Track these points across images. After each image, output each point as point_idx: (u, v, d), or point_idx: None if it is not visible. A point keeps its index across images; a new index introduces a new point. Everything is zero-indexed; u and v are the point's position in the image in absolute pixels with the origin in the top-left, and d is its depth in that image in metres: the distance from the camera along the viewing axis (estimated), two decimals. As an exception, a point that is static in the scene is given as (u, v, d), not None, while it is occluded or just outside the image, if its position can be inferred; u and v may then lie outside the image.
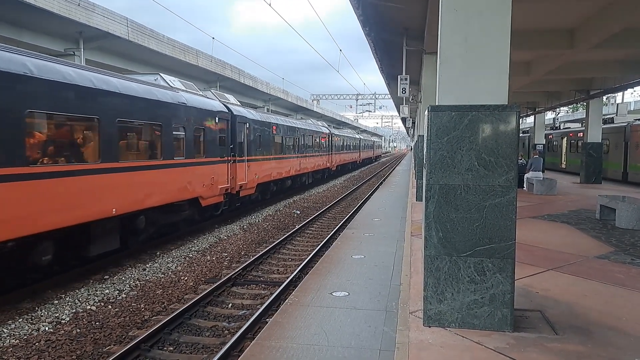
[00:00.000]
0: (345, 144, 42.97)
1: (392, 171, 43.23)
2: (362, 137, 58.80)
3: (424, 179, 4.99)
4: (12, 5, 17.17)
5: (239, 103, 19.13)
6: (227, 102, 17.31)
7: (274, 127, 21.50)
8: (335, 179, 37.09)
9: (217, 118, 14.88)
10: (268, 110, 45.04)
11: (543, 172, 18.75)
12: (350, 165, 48.17)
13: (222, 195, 15.20)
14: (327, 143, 34.52)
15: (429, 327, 4.88)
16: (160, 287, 9.17)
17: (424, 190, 4.95)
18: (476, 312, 4.79)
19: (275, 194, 22.88)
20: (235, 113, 16.68)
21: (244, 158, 17.17)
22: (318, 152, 31.49)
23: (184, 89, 13.81)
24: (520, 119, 42.48)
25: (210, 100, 15.29)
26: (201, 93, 15.50)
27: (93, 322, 7.39)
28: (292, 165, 24.47)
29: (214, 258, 11.31)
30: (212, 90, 17.69)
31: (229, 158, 15.79)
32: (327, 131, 34.98)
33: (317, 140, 31.38)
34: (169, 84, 13.06)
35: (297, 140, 25.90)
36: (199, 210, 14.20)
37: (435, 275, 4.87)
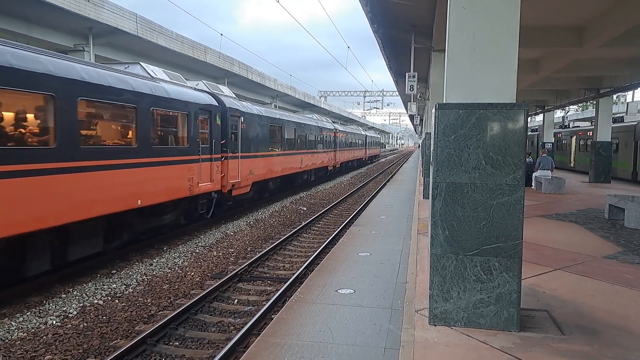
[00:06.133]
0: (288, 135, 22.40)
1: (399, 169, 43.12)
2: (339, 128, 36.57)
3: (431, 177, 4.97)
4: (23, 1, 17.27)
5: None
6: None
7: None
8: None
9: None
10: (275, 106, 45.01)
11: (552, 170, 18.63)
12: (312, 174, 28.53)
13: None
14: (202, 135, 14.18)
15: (435, 325, 4.87)
16: (166, 282, 9.21)
17: (430, 188, 4.94)
18: (482, 312, 4.78)
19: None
20: None
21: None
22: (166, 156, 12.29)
23: None
24: (529, 117, 42.29)
25: None
26: None
27: (100, 317, 7.43)
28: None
29: (220, 254, 11.34)
30: None
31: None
32: (211, 102, 14.36)
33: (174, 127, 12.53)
34: None
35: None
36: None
37: (442, 274, 4.86)
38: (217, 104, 14.57)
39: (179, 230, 13.22)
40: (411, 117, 57.33)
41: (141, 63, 12.34)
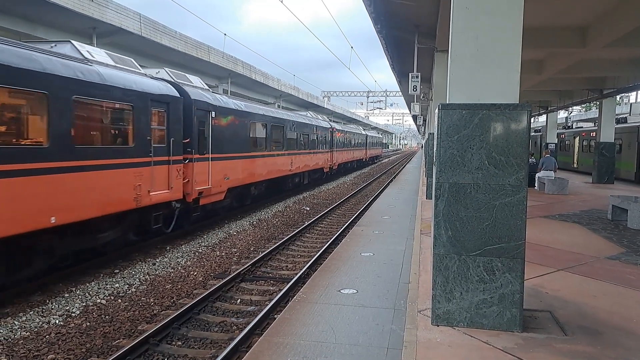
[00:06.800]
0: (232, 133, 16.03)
1: (402, 169, 43.08)
2: (336, 127, 33.66)
3: (434, 177, 4.97)
4: (27, 1, 17.32)
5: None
6: None
7: None
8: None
9: None
10: (279, 106, 45.03)
11: (555, 171, 18.60)
12: (305, 177, 26.13)
13: None
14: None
15: (437, 326, 4.87)
16: (169, 281, 9.22)
17: (433, 188, 4.94)
18: (485, 312, 4.78)
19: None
20: None
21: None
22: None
23: None
24: (532, 118, 42.26)
25: None
26: None
27: (103, 316, 7.45)
28: None
29: (223, 253, 11.35)
30: None
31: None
32: (168, 92, 11.99)
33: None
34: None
35: None
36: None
37: (444, 274, 4.86)
38: (177, 95, 12.05)
39: (181, 230, 13.22)
40: (414, 118, 57.36)
41: (72, 41, 10.03)
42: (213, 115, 13.81)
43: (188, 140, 12.42)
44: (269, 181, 19.51)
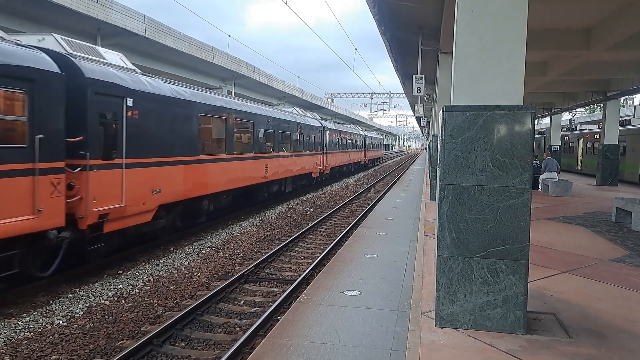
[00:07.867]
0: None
1: (406, 170, 43.04)
2: (328, 126, 30.15)
3: (438, 179, 4.98)
4: (32, 1, 17.40)
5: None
6: None
7: None
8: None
9: None
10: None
11: (559, 172, 18.56)
12: (288, 184, 21.76)
13: None
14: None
15: (441, 328, 4.86)
16: (173, 282, 9.23)
17: (437, 190, 4.94)
18: (489, 314, 4.77)
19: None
20: None
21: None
22: None
23: None
24: (536, 120, 42.20)
25: None
26: None
27: (106, 317, 7.47)
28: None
29: (226, 255, 11.36)
30: None
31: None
32: (35, 64, 7.65)
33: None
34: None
35: None
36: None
37: (448, 276, 4.85)
38: (53, 70, 7.98)
39: (185, 231, 13.22)
40: (418, 119, 57.32)
41: None
42: (130, 103, 9.86)
43: (81, 138, 8.69)
44: (233, 191, 15.38)
